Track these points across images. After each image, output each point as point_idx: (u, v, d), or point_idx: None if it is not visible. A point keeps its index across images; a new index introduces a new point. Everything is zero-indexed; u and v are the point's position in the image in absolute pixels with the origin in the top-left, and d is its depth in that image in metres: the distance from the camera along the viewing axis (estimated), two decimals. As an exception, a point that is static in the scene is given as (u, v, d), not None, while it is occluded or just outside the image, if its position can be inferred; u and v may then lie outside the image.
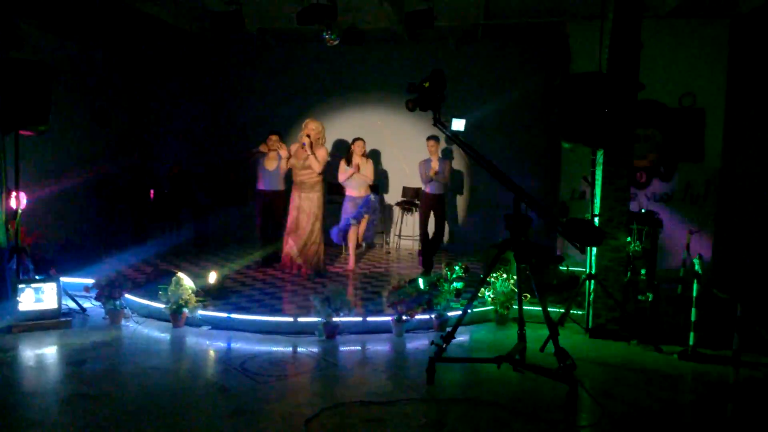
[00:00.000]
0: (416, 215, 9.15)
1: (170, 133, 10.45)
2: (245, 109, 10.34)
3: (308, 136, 6.97)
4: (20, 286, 5.44)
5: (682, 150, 8.15)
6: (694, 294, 5.00)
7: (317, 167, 6.96)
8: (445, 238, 9.31)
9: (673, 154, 8.17)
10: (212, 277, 6.28)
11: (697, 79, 8.00)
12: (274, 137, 7.82)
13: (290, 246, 7.28)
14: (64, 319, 5.55)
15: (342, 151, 9.25)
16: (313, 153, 6.96)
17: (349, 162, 7.65)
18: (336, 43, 7.60)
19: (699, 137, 8.10)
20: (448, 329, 4.47)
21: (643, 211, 6.07)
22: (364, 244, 8.79)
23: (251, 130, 10.10)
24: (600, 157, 5.70)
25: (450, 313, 5.66)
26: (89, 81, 8.72)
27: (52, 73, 5.79)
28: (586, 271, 5.80)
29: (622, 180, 5.64)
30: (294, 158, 7.20)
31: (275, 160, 7.76)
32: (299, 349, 5.08)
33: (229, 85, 10.40)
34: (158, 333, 5.49)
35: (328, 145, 9.11)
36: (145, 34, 9.13)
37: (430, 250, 7.93)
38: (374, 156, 8.83)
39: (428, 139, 7.79)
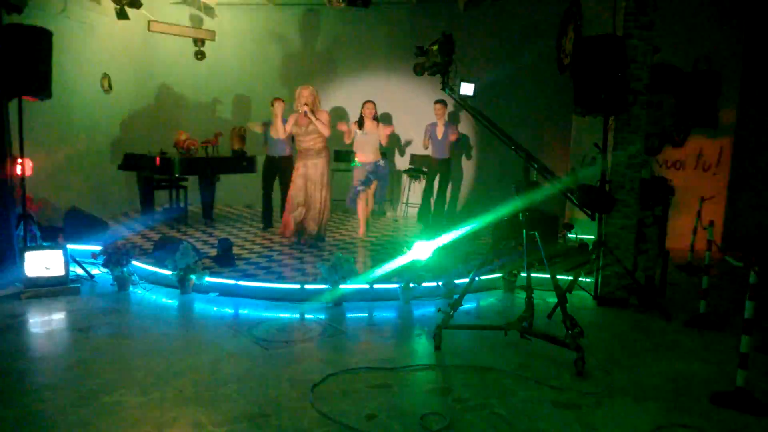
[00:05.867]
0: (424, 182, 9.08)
1: (180, 100, 10.35)
2: (248, 75, 10.21)
3: (306, 104, 6.86)
4: (27, 252, 5.44)
5: (695, 116, 7.97)
6: (706, 261, 4.95)
7: (325, 130, 6.85)
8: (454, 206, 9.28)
9: (687, 120, 8.00)
10: (220, 244, 6.27)
11: (713, 42, 7.77)
12: (276, 102, 7.85)
13: (300, 213, 7.16)
14: (71, 285, 5.56)
15: (344, 116, 9.15)
16: (316, 118, 6.85)
17: (361, 125, 7.58)
18: (342, 5, 7.43)
19: (713, 103, 7.90)
20: (456, 296, 4.45)
21: (654, 177, 5.97)
22: (376, 207, 8.77)
23: (255, 96, 10.00)
24: (612, 122, 5.59)
25: (458, 281, 5.64)
26: (96, 46, 8.61)
27: (52, 38, 5.70)
28: (595, 238, 5.74)
29: (633, 146, 5.55)
30: (296, 126, 7.07)
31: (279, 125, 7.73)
32: (306, 316, 5.09)
33: (231, 51, 10.23)
34: (166, 299, 5.51)
35: (333, 111, 9.02)
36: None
37: (434, 212, 8.02)
38: (383, 122, 8.70)
39: (435, 102, 7.78)
